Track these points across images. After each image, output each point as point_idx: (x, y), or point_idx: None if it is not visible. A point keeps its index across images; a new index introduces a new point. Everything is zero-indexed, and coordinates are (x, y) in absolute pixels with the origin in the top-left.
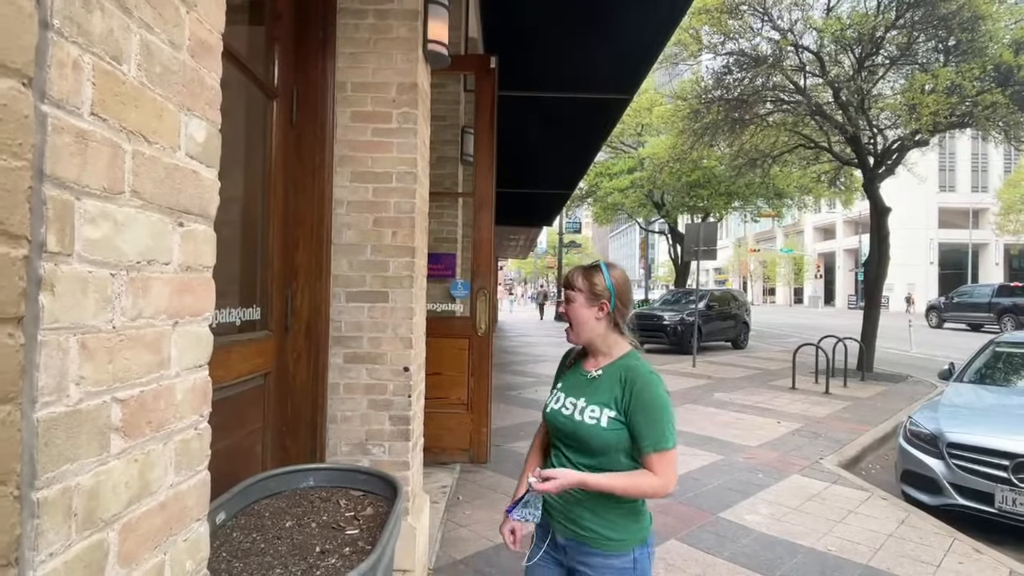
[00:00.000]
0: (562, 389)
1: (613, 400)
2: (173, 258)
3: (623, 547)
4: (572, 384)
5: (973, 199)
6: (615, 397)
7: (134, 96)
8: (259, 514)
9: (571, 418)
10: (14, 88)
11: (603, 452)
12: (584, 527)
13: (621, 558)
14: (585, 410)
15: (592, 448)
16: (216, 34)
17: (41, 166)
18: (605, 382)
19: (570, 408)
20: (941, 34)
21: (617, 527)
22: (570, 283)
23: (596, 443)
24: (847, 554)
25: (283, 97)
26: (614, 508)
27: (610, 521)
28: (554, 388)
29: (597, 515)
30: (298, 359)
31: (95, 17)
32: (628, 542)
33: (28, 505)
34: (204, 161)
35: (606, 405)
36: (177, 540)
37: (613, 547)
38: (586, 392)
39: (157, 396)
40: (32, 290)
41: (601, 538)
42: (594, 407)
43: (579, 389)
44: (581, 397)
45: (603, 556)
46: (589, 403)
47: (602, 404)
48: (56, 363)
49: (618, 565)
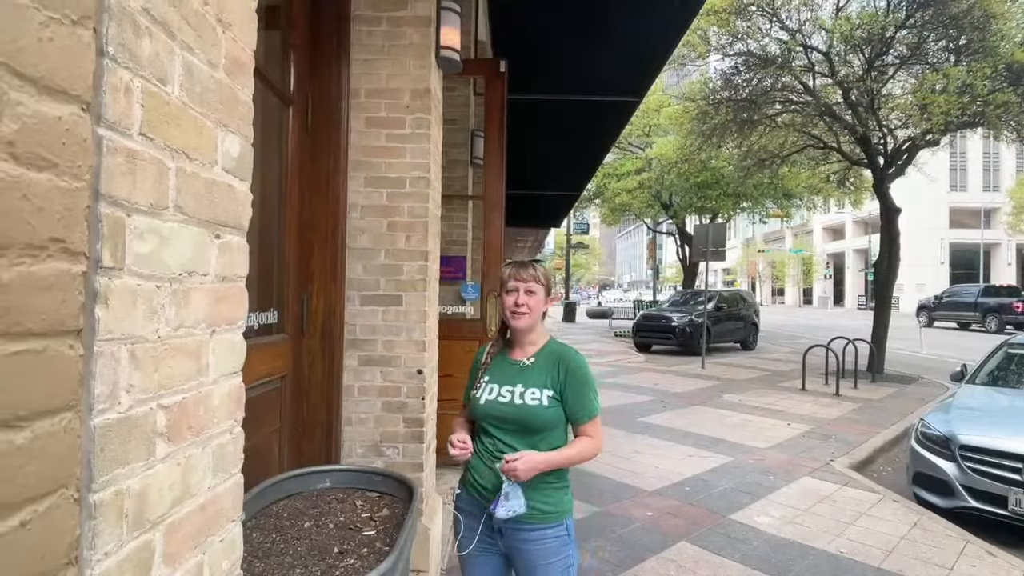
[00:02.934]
0: (491, 381)
1: (550, 381)
2: (211, 269)
3: (559, 518)
4: (502, 374)
5: (985, 198)
6: (551, 378)
7: (177, 115)
8: (278, 515)
9: (511, 403)
10: (75, 113)
11: (543, 429)
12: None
13: (556, 527)
14: (525, 393)
15: (534, 427)
16: (248, 52)
17: (97, 186)
18: (539, 367)
19: (507, 395)
20: (952, 33)
21: (552, 501)
22: (535, 276)
23: (538, 422)
24: (859, 556)
25: (299, 104)
26: (551, 484)
27: (547, 495)
28: (479, 381)
29: (538, 492)
30: (314, 362)
31: (144, 42)
32: (561, 513)
33: (86, 507)
34: (238, 175)
35: (544, 386)
36: (215, 541)
37: (550, 519)
38: (521, 378)
39: (197, 402)
40: (89, 303)
41: (540, 513)
42: (534, 390)
43: (512, 377)
44: (517, 384)
45: (541, 529)
46: (528, 387)
47: (540, 386)
48: (110, 372)
49: (553, 534)
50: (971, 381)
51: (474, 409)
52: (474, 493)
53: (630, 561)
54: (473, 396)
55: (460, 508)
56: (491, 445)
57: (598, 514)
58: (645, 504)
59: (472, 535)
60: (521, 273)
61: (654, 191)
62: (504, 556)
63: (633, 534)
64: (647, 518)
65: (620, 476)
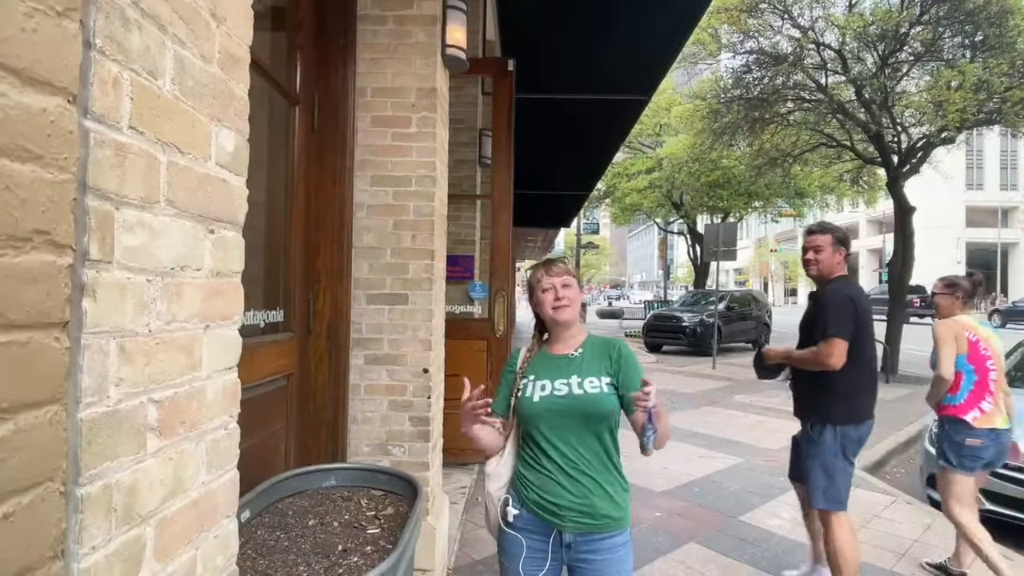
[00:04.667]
0: (540, 378)
1: (605, 369)
2: (204, 264)
3: (624, 523)
4: (550, 370)
5: (1002, 197)
6: (605, 365)
7: (168, 109)
8: (283, 512)
9: (571, 395)
10: (60, 105)
11: (607, 417)
12: (599, 515)
13: (623, 534)
14: (584, 383)
15: (598, 415)
16: (244, 47)
17: (84, 178)
18: (589, 356)
19: (564, 388)
20: (968, 29)
21: (620, 504)
22: (566, 270)
23: (603, 409)
24: (871, 559)
25: (305, 103)
26: (618, 487)
27: (616, 499)
28: (522, 383)
29: (609, 497)
30: (320, 361)
31: (134, 35)
32: (626, 519)
33: (73, 501)
34: (233, 170)
35: (601, 374)
36: (208, 536)
37: (618, 525)
38: (575, 369)
39: (190, 397)
40: (76, 296)
41: (612, 521)
42: (592, 378)
43: (563, 370)
44: (572, 375)
45: (611, 537)
46: (584, 376)
47: (597, 374)
48: (97, 365)
49: (621, 541)
50: None
51: (527, 409)
52: (541, 512)
53: (638, 562)
54: (522, 398)
55: (519, 528)
56: (556, 454)
57: None
58: (654, 505)
59: (540, 556)
60: (552, 269)
61: (665, 190)
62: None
63: (642, 535)
64: (656, 519)
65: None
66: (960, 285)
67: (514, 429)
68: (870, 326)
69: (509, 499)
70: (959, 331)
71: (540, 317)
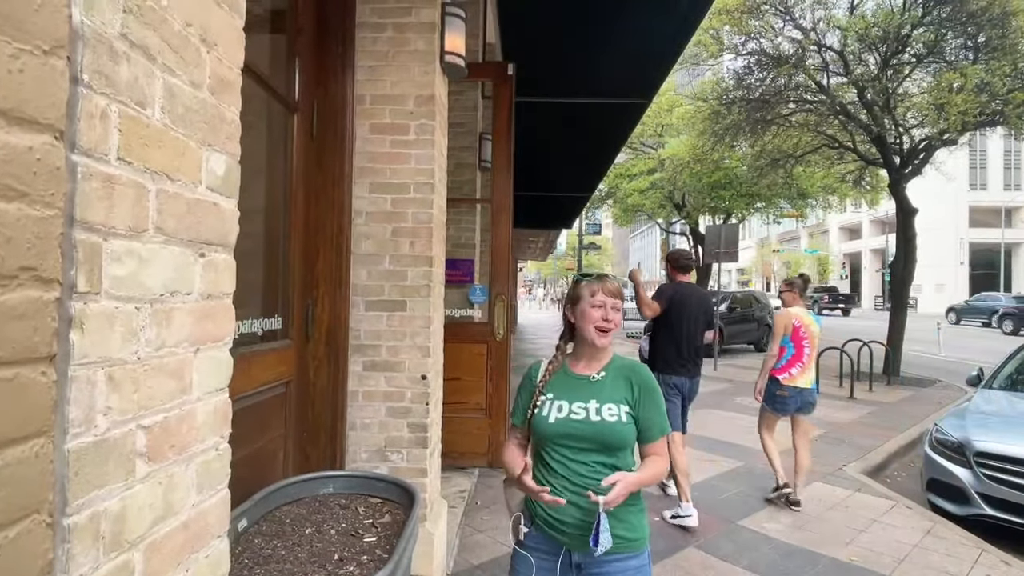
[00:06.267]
0: (558, 397)
1: (624, 398)
2: (195, 288)
3: (640, 546)
4: (570, 390)
5: (1005, 197)
6: (626, 394)
7: (158, 137)
8: (280, 520)
9: (587, 420)
10: (47, 142)
11: (622, 447)
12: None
13: (639, 557)
14: (602, 409)
15: (613, 444)
16: (236, 70)
17: (71, 212)
18: (610, 382)
19: (581, 412)
20: (970, 31)
21: (634, 527)
22: (620, 293)
23: (618, 439)
24: (870, 564)
25: (304, 111)
26: (631, 508)
27: (629, 523)
28: (540, 399)
29: (620, 520)
30: (318, 367)
31: (121, 67)
32: (642, 540)
33: (60, 531)
34: (224, 193)
35: (620, 402)
36: (199, 557)
37: (631, 547)
38: (594, 394)
39: (180, 421)
40: (63, 329)
41: (625, 542)
42: (611, 405)
43: (582, 392)
44: (591, 399)
45: (622, 560)
46: (603, 402)
47: (617, 401)
48: (85, 396)
49: (635, 564)
50: (988, 385)
51: (541, 429)
52: (549, 531)
53: None
54: (538, 415)
55: (528, 547)
56: (564, 471)
57: None
58: (653, 509)
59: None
60: (609, 286)
61: (667, 191)
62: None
63: None
64: (654, 523)
65: None
66: (795, 284)
67: (530, 443)
68: (685, 316)
69: (521, 516)
70: (788, 320)
71: (574, 328)
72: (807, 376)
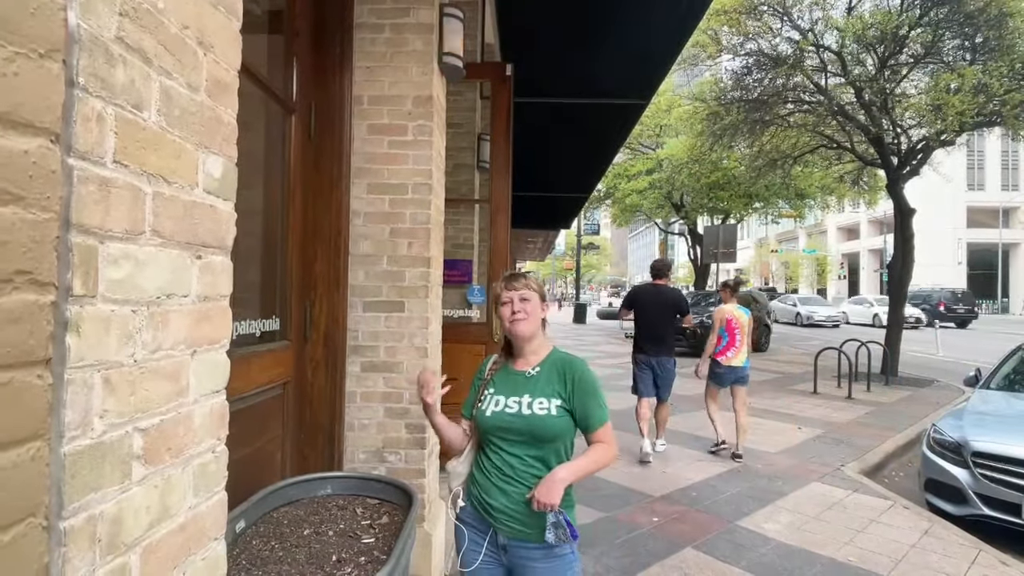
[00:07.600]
0: (497, 392)
1: (556, 391)
2: (191, 290)
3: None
4: (508, 386)
5: (1003, 197)
6: (558, 388)
7: (154, 140)
8: (278, 522)
9: (519, 415)
10: (43, 146)
11: (553, 439)
12: (530, 524)
13: (563, 546)
14: (533, 403)
15: (543, 437)
16: (232, 72)
17: (67, 215)
18: (544, 377)
19: (515, 406)
20: (967, 32)
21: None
22: (526, 284)
23: (548, 432)
24: (868, 565)
25: (301, 112)
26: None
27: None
28: (484, 394)
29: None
30: (316, 368)
31: (118, 70)
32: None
33: (56, 534)
34: (221, 195)
35: (552, 396)
36: (196, 559)
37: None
38: (528, 389)
39: (176, 423)
40: (59, 332)
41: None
42: (542, 399)
43: (518, 388)
44: (524, 394)
45: (547, 547)
46: (535, 396)
47: (548, 395)
48: (81, 399)
49: (559, 552)
50: (985, 386)
51: (481, 422)
52: (480, 509)
53: (635, 567)
54: (479, 409)
55: (464, 520)
56: (498, 460)
57: (604, 519)
58: (651, 509)
59: (477, 550)
60: (511, 283)
61: (665, 192)
62: (508, 569)
63: (639, 540)
64: (653, 524)
65: (626, 481)
66: (729, 284)
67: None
68: (645, 312)
69: (460, 492)
70: (723, 315)
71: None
72: (740, 356)
